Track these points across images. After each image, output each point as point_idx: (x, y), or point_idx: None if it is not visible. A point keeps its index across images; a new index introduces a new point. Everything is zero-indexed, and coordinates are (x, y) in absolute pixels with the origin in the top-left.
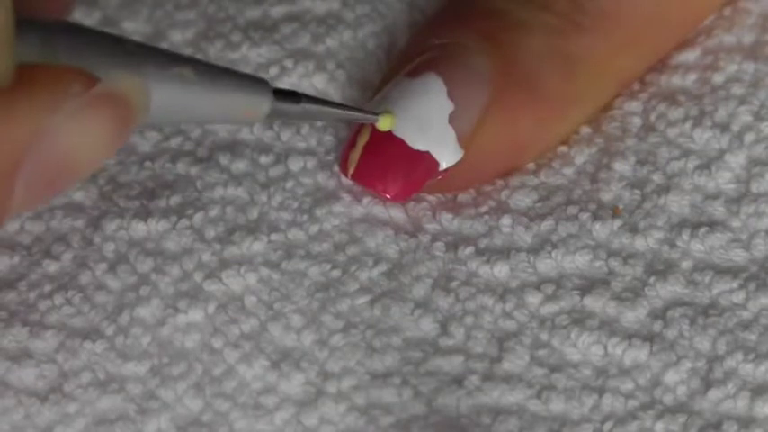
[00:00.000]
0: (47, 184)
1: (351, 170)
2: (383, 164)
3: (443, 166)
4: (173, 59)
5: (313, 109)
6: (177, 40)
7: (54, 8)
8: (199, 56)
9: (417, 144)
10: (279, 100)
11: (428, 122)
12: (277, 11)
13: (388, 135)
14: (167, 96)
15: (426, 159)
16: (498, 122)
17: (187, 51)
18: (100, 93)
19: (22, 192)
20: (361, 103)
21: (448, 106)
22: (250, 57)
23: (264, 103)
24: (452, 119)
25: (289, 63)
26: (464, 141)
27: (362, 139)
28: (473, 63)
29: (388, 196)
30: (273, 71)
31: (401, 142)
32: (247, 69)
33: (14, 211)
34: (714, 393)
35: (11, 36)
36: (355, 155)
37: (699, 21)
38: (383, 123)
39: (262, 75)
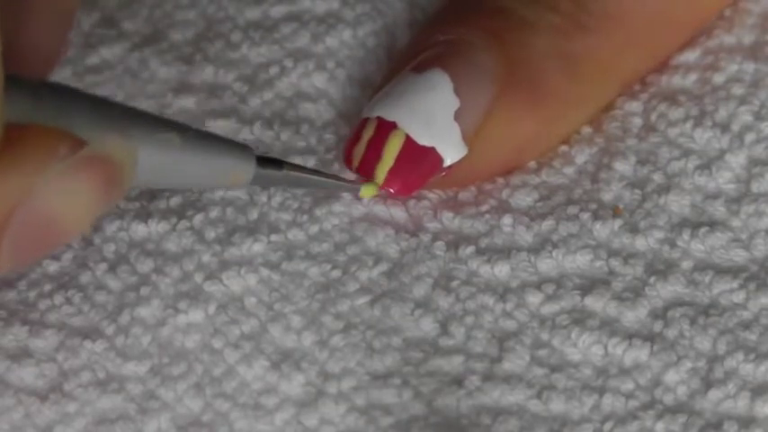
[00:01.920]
0: (33, 245)
1: (356, 163)
2: None
3: (447, 162)
4: (159, 124)
5: (295, 175)
6: (177, 39)
7: (39, 67)
8: (198, 56)
9: (422, 139)
10: (262, 166)
11: (433, 118)
12: (277, 10)
13: (393, 129)
14: (153, 161)
15: (431, 155)
16: (501, 121)
17: (187, 51)
18: (87, 155)
19: (8, 253)
20: (362, 103)
21: (454, 102)
22: (250, 56)
23: (248, 170)
24: (458, 115)
25: (288, 62)
26: (468, 138)
27: (367, 134)
28: (479, 60)
29: (391, 191)
30: (273, 71)
31: (406, 137)
32: (247, 69)
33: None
34: (714, 393)
35: None
36: (360, 149)
37: (702, 22)
38: (365, 191)
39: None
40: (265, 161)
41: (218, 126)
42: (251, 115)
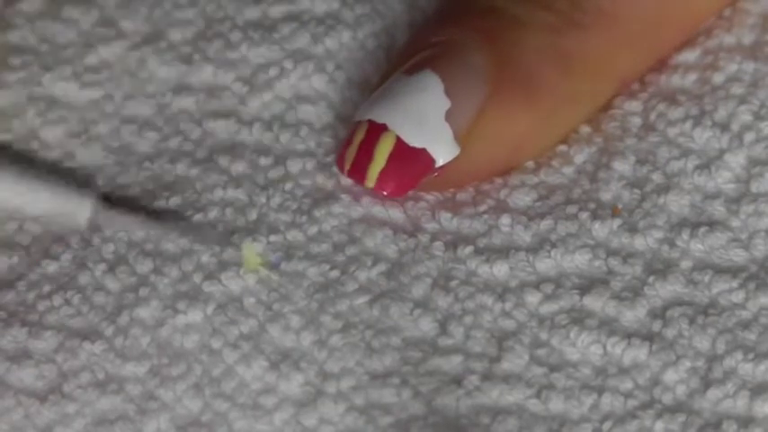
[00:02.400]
0: None
1: (347, 167)
2: None
3: (440, 162)
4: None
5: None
6: (176, 39)
7: None
8: (197, 56)
9: (413, 140)
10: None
11: (424, 119)
12: (276, 10)
13: (384, 131)
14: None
15: (422, 156)
16: (495, 120)
17: (186, 51)
18: None
19: None
20: (360, 102)
21: (445, 103)
22: (249, 57)
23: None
24: (449, 116)
25: (288, 64)
26: (460, 138)
27: (358, 137)
28: (470, 60)
29: (384, 193)
30: (273, 72)
31: (397, 139)
32: (246, 70)
33: None
34: (713, 393)
35: None
36: (351, 152)
37: (700, 23)
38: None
39: (261, 74)
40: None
41: (218, 126)
42: (250, 117)
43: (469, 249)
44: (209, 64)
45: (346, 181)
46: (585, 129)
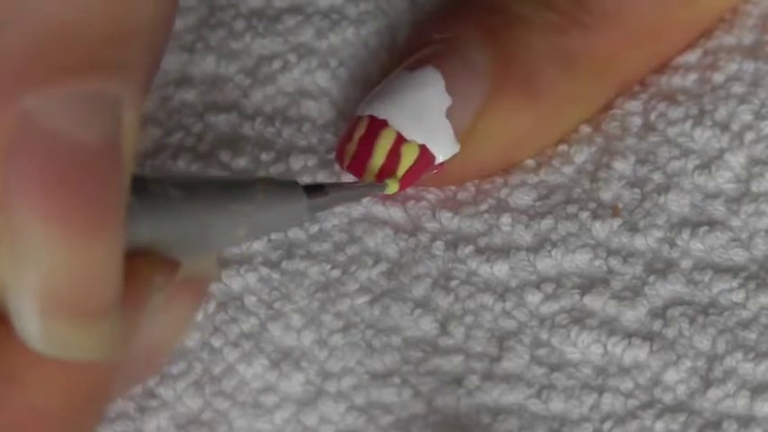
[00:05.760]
0: (141, 368)
1: (347, 161)
2: None
3: (439, 159)
4: (227, 193)
5: (338, 195)
6: (178, 26)
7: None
8: (200, 45)
9: (413, 136)
10: (310, 197)
11: (425, 115)
12: (281, 0)
13: (384, 127)
14: (225, 238)
15: (422, 152)
16: (496, 117)
17: (188, 39)
18: (181, 280)
19: (119, 385)
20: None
21: (445, 100)
22: (253, 47)
23: (301, 207)
24: (450, 112)
25: (292, 57)
26: (461, 135)
27: (359, 132)
28: (472, 57)
29: None
30: (276, 65)
31: (397, 135)
32: (249, 61)
33: (113, 398)
34: (714, 392)
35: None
36: (351, 147)
37: (703, 24)
38: (391, 188)
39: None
40: (310, 190)
41: (220, 120)
42: (252, 110)
43: (470, 249)
44: (211, 53)
45: (347, 178)
46: (586, 128)
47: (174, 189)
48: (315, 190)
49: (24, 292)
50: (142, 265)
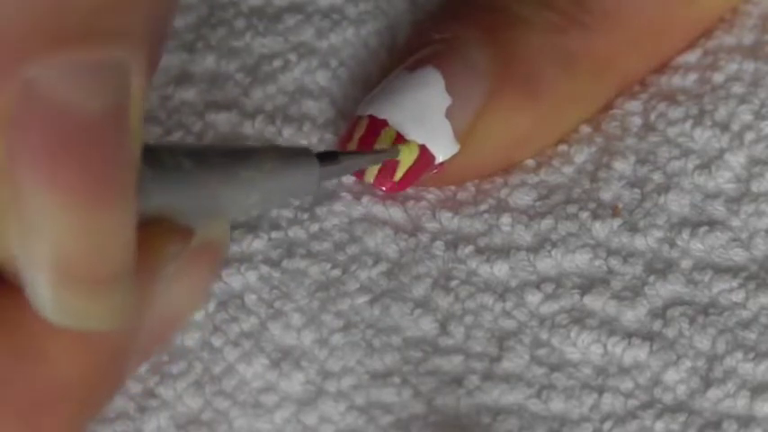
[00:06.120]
0: (158, 340)
1: None
2: None
3: (439, 159)
4: (238, 161)
5: (350, 163)
6: (178, 25)
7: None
8: (200, 44)
9: (413, 136)
10: (322, 164)
11: (425, 115)
12: None
13: (384, 127)
14: (238, 204)
15: (422, 152)
16: (496, 118)
17: (188, 38)
18: (195, 246)
19: (136, 357)
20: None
21: (445, 100)
22: (253, 46)
23: (313, 175)
24: (449, 112)
25: (292, 56)
26: (460, 135)
27: (359, 132)
28: (472, 57)
29: (383, 189)
30: (277, 63)
31: (397, 135)
32: (250, 60)
33: (131, 373)
34: (714, 392)
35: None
36: (351, 146)
37: (703, 25)
38: (404, 153)
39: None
40: (323, 157)
41: (220, 119)
42: (253, 109)
43: (470, 249)
44: (211, 52)
45: (348, 179)
46: (586, 128)
47: (186, 159)
48: (327, 158)
49: (35, 264)
50: (155, 234)
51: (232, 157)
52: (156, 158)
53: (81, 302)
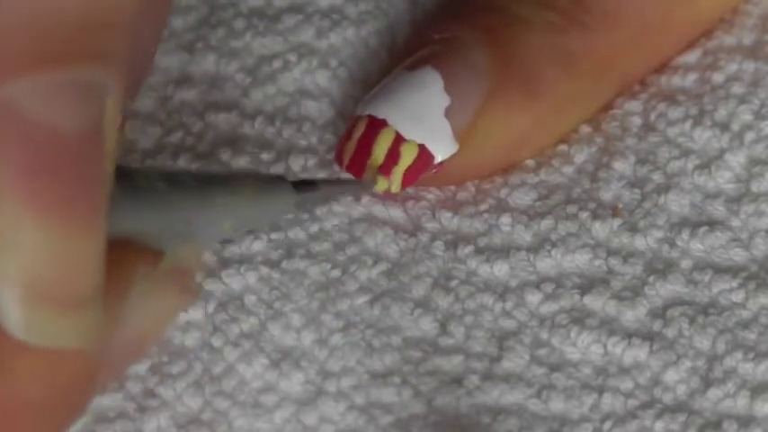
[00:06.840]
0: (125, 362)
1: (346, 161)
2: None
3: (438, 159)
4: (216, 189)
5: (329, 190)
6: (178, 25)
7: None
8: (200, 44)
9: (412, 136)
10: (299, 192)
11: (424, 115)
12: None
13: (383, 127)
14: (212, 232)
15: (421, 152)
16: (495, 118)
17: (189, 37)
18: (165, 269)
19: (106, 375)
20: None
21: (444, 100)
22: (253, 46)
23: (289, 201)
24: (448, 112)
25: (292, 57)
26: (460, 135)
27: (358, 132)
28: (471, 57)
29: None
30: (277, 64)
31: (396, 134)
32: (250, 60)
33: (99, 389)
34: (714, 392)
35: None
36: (350, 147)
37: (702, 26)
38: (380, 186)
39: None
40: (301, 185)
41: (220, 120)
42: (253, 110)
43: (470, 249)
44: (211, 53)
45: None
46: (586, 128)
47: (160, 181)
48: (305, 185)
49: (5, 281)
50: (124, 254)
51: (208, 182)
52: (130, 180)
53: (50, 322)
